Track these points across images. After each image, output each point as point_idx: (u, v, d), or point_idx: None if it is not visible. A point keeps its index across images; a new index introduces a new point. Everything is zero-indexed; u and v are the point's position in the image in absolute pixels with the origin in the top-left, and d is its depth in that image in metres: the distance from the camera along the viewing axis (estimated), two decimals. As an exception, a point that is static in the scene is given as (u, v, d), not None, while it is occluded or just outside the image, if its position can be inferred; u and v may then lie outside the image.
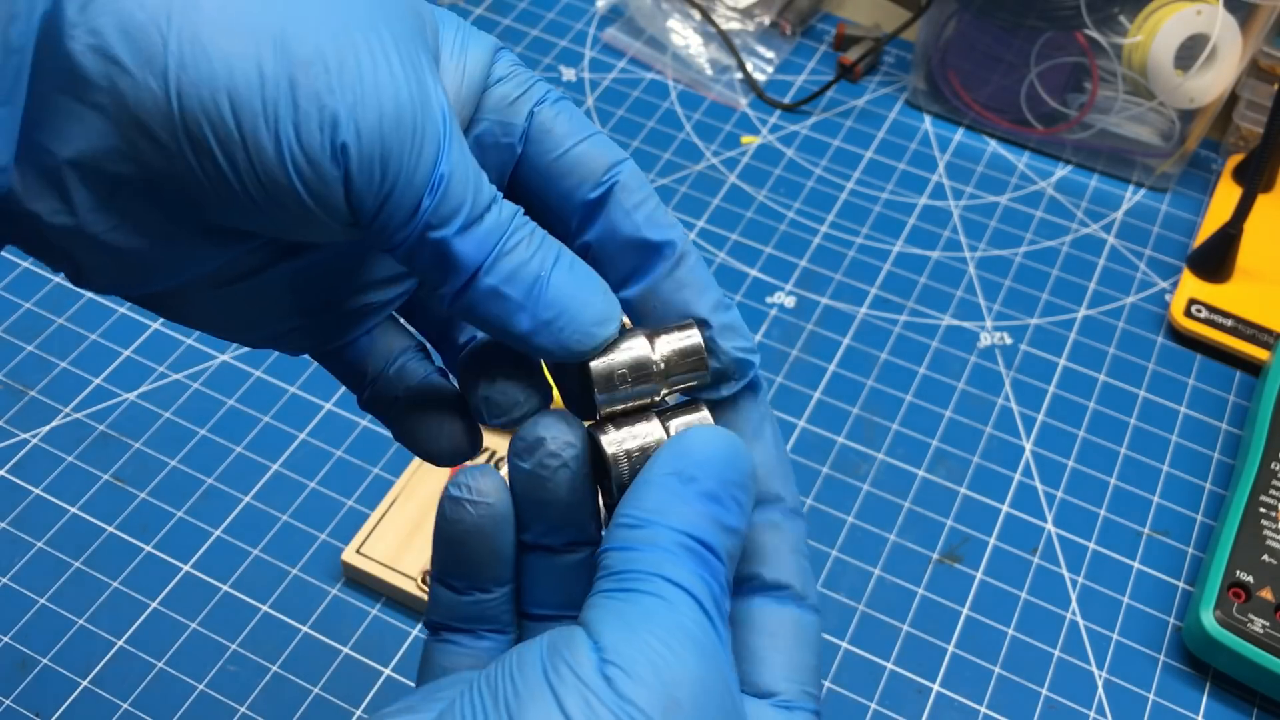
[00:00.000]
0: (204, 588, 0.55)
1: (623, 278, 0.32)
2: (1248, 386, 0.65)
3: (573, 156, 0.31)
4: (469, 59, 0.30)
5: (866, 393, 0.64)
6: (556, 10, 0.82)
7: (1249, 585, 0.54)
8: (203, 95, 0.25)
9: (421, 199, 0.28)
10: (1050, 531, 0.59)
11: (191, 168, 0.26)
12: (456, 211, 0.28)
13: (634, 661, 0.25)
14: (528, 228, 0.29)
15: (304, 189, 0.27)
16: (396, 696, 0.52)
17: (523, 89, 0.31)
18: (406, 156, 0.27)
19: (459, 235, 0.28)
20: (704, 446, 0.29)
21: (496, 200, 0.29)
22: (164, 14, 0.25)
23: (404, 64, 0.27)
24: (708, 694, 0.26)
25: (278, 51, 0.26)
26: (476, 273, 0.29)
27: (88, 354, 0.63)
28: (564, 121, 0.31)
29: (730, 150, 0.75)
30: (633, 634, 0.26)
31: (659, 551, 0.27)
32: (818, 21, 0.83)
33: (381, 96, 0.27)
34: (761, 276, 0.69)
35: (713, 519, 0.28)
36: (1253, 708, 0.54)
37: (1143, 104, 0.72)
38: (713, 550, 0.28)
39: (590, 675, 0.25)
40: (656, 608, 0.26)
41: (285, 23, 0.26)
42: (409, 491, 0.57)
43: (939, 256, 0.70)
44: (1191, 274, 0.68)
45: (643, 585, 0.27)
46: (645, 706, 0.25)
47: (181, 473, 0.59)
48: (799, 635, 0.31)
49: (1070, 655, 0.55)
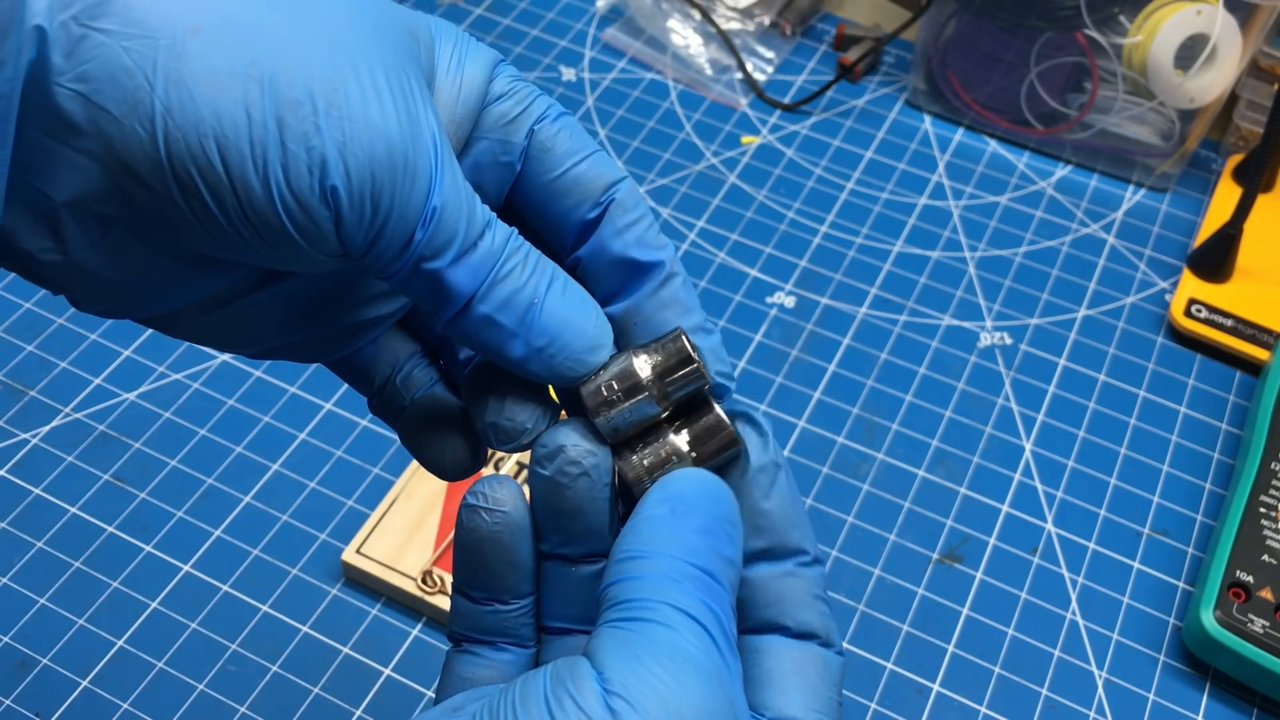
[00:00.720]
0: (204, 588, 0.55)
1: (608, 294, 0.32)
2: (1248, 386, 0.65)
3: (571, 177, 0.31)
4: (466, 75, 0.30)
5: (866, 393, 0.64)
6: (556, 10, 0.82)
7: (1249, 585, 0.54)
8: (189, 140, 0.25)
9: (414, 233, 0.28)
10: (1050, 531, 0.59)
11: (180, 209, 0.26)
12: (449, 243, 0.28)
13: (639, 693, 0.25)
14: (522, 252, 0.29)
15: (294, 229, 0.27)
16: (396, 696, 0.52)
17: (522, 106, 0.31)
18: (398, 193, 0.27)
19: (452, 265, 0.28)
20: (691, 485, 0.29)
21: (491, 225, 0.29)
22: (149, 60, 0.25)
23: (395, 96, 0.27)
24: None
25: (265, 93, 0.26)
26: (470, 300, 0.29)
27: (88, 354, 0.63)
28: (564, 140, 0.31)
29: (730, 150, 0.75)
30: (638, 663, 0.26)
31: (663, 579, 0.27)
32: (818, 21, 0.83)
33: (371, 135, 0.26)
34: (761, 276, 0.69)
35: (711, 548, 0.28)
36: (1253, 708, 0.54)
37: (1143, 104, 0.72)
38: (715, 577, 0.28)
39: (594, 707, 0.25)
40: (662, 636, 0.26)
41: (273, 62, 0.26)
42: (409, 491, 0.57)
43: (939, 256, 0.70)
44: (1191, 274, 0.68)
45: (648, 614, 0.27)
46: None
47: (181, 473, 0.59)
48: (822, 670, 0.31)
49: (1070, 655, 0.55)
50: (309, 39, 0.26)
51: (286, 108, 0.26)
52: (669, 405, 0.31)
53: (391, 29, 0.28)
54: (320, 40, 0.26)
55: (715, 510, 0.29)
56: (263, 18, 0.26)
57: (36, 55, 0.25)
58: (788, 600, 0.31)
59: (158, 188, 0.26)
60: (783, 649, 0.31)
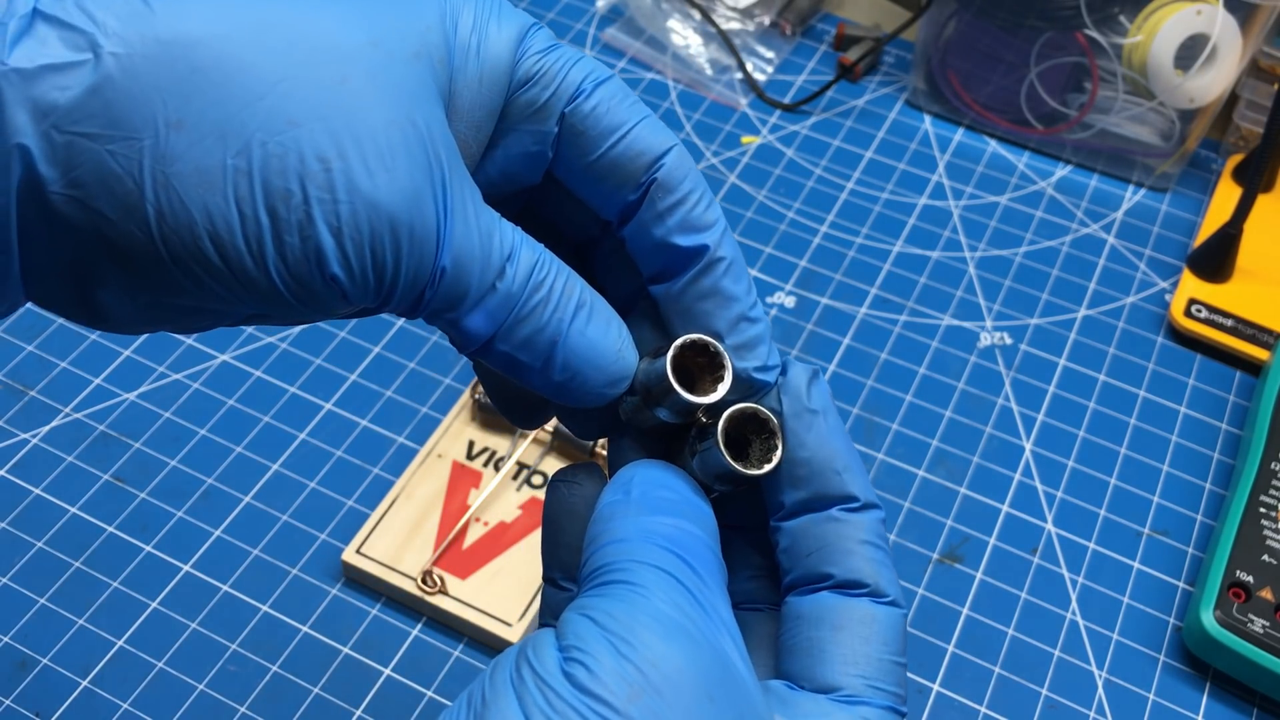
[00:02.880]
0: (204, 588, 0.55)
1: (652, 276, 0.31)
2: (1248, 386, 0.65)
3: (608, 160, 0.30)
4: (488, 64, 0.29)
5: (866, 393, 0.64)
6: (556, 10, 0.82)
7: (1249, 585, 0.54)
8: (185, 240, 0.25)
9: (423, 293, 0.27)
10: (1050, 531, 0.59)
11: (188, 290, 0.26)
12: (462, 296, 0.27)
13: (597, 654, 0.25)
14: (545, 286, 0.28)
15: (299, 303, 0.27)
16: (396, 696, 0.52)
17: (550, 90, 0.29)
18: (402, 263, 0.26)
19: (468, 314, 0.28)
20: (632, 471, 0.29)
21: (513, 258, 0.28)
22: (135, 163, 0.25)
23: (396, 156, 0.26)
24: (688, 675, 0.25)
25: (255, 186, 0.25)
26: (491, 339, 0.28)
27: (88, 354, 0.63)
28: (599, 119, 0.29)
29: (730, 150, 0.75)
30: (597, 627, 0.25)
31: (626, 544, 0.27)
32: (818, 21, 0.83)
33: (370, 212, 0.26)
34: (761, 276, 0.69)
35: (665, 513, 0.28)
36: (1253, 708, 0.54)
37: (1143, 104, 0.72)
38: (680, 535, 0.28)
39: (551, 673, 0.24)
40: (625, 595, 0.26)
41: (262, 149, 0.25)
42: (409, 491, 0.57)
43: (939, 256, 0.70)
44: (1191, 274, 0.68)
45: (614, 575, 0.26)
46: (608, 697, 0.24)
47: (181, 473, 0.59)
48: (867, 628, 0.29)
49: (1070, 655, 0.55)
50: (299, 110, 0.25)
51: (278, 199, 0.25)
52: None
53: (400, 48, 0.27)
54: (311, 109, 0.25)
55: (658, 485, 0.29)
56: (249, 92, 0.25)
57: (24, 171, 0.25)
58: (829, 546, 0.29)
59: (161, 275, 0.26)
60: (824, 607, 0.29)
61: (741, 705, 0.25)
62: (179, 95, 0.25)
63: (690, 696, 0.24)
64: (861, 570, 0.29)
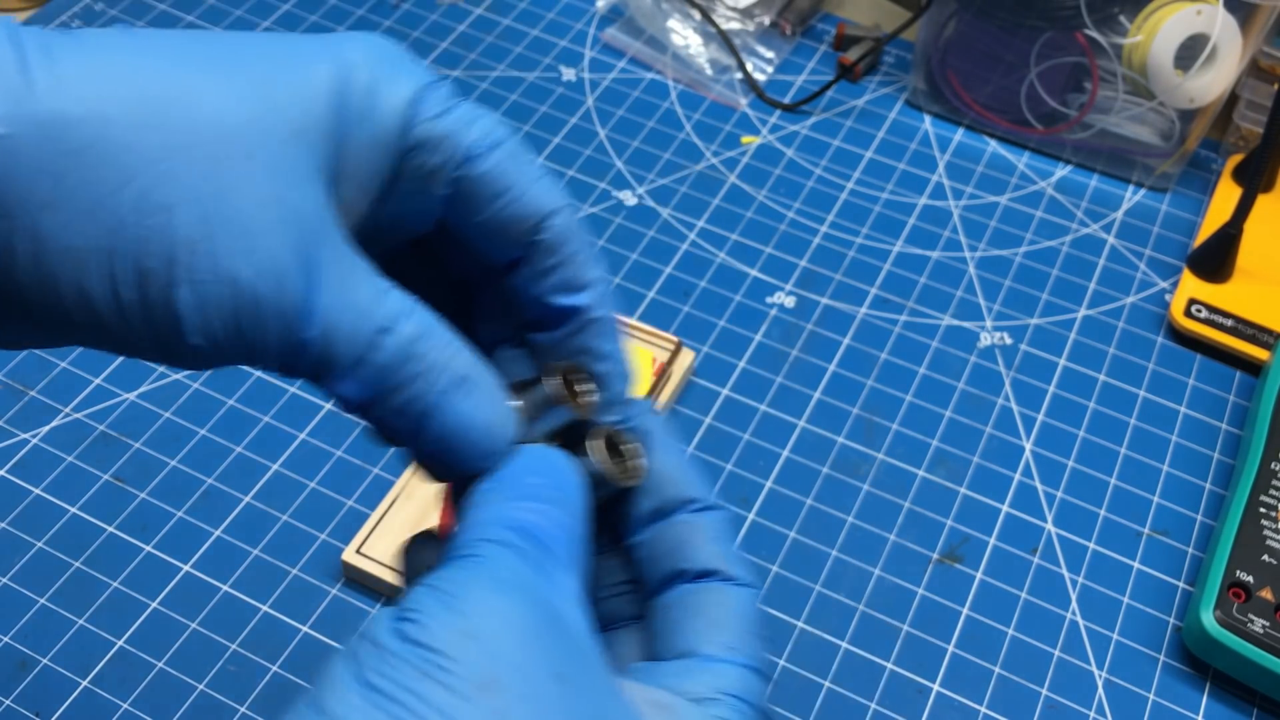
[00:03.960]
0: (204, 588, 0.55)
1: (528, 324, 0.33)
2: (1248, 386, 0.65)
3: (496, 221, 0.31)
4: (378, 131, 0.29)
5: (866, 393, 0.64)
6: (556, 10, 0.82)
7: (1249, 585, 0.54)
8: (60, 314, 0.26)
9: (289, 360, 0.28)
10: (1050, 531, 0.59)
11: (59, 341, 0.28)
12: (330, 367, 0.28)
13: (428, 609, 0.25)
14: (419, 359, 0.29)
15: (168, 361, 0.28)
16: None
17: (442, 157, 0.30)
18: (267, 336, 0.27)
19: (339, 381, 0.28)
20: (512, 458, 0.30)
21: (390, 329, 0.28)
22: (5, 242, 0.25)
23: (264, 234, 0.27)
24: (518, 628, 0.25)
25: (127, 265, 0.26)
26: (368, 403, 0.29)
27: (88, 354, 0.63)
28: (489, 183, 0.30)
29: (730, 150, 0.75)
30: (431, 589, 0.26)
31: (480, 525, 0.28)
32: (818, 21, 0.83)
33: (233, 290, 0.26)
34: (761, 276, 0.69)
35: (528, 498, 0.29)
36: (1253, 708, 0.54)
37: (1143, 104, 0.72)
38: (536, 517, 0.28)
39: (383, 635, 0.25)
40: (464, 565, 0.27)
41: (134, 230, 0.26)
42: (409, 491, 0.57)
43: (939, 256, 0.70)
44: (1191, 274, 0.68)
45: (460, 552, 0.27)
46: (437, 644, 0.24)
47: (181, 473, 0.59)
48: (723, 606, 0.31)
49: (1070, 655, 0.55)
50: (172, 192, 0.26)
51: (146, 277, 0.26)
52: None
53: (280, 125, 0.27)
54: (184, 190, 0.26)
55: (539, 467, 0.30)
56: (124, 173, 0.26)
57: None
58: (685, 545, 0.32)
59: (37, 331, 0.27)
60: (684, 597, 0.31)
61: (575, 655, 0.26)
62: (52, 176, 0.25)
63: (519, 641, 0.25)
64: (712, 560, 0.32)
